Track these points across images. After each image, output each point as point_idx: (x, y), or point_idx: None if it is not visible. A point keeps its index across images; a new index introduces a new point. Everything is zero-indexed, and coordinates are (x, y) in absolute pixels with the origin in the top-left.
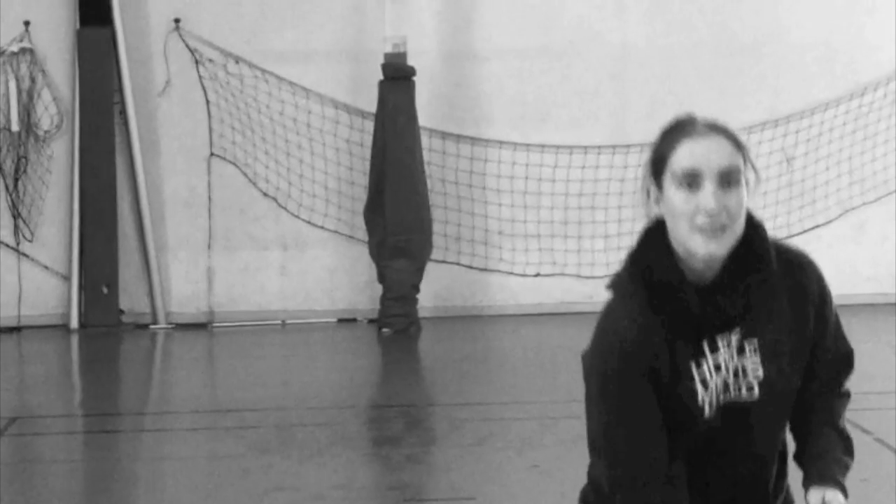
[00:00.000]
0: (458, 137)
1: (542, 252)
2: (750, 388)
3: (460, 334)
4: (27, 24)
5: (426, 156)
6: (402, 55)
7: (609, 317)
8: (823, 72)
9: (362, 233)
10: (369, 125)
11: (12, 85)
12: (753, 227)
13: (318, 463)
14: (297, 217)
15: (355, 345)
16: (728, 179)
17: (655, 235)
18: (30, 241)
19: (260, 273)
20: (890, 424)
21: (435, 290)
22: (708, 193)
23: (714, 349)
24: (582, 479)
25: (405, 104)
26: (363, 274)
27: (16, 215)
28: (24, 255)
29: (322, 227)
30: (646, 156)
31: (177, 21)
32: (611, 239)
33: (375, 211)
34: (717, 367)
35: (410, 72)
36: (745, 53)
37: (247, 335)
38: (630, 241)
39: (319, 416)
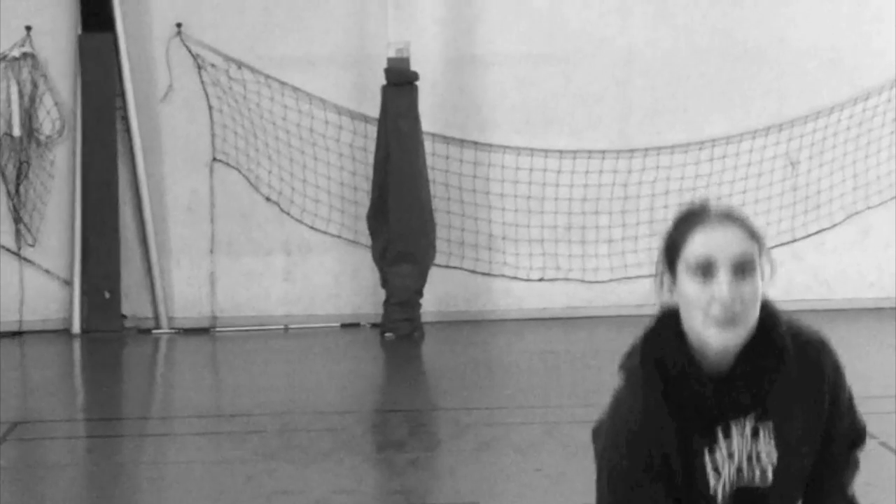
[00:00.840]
0: (462, 142)
1: (546, 257)
2: (763, 473)
3: (464, 339)
4: (29, 29)
5: (429, 161)
6: (406, 60)
7: (620, 405)
8: (827, 77)
9: (366, 238)
10: (372, 130)
11: (14, 90)
12: (769, 314)
13: (321, 468)
14: (300, 222)
15: (359, 350)
16: (743, 269)
17: (669, 323)
18: (32, 245)
19: (263, 278)
20: (893, 428)
21: (438, 295)
22: (722, 283)
23: (728, 436)
24: (586, 484)
25: (408, 109)
26: (367, 279)
27: (18, 220)
28: (27, 260)
29: (325, 233)
30: (659, 243)
31: (179, 26)
32: (615, 244)
33: (379, 216)
34: (731, 455)
35: (413, 77)
36: (749, 59)
37: (250, 340)
38: (633, 245)
39: (323, 421)
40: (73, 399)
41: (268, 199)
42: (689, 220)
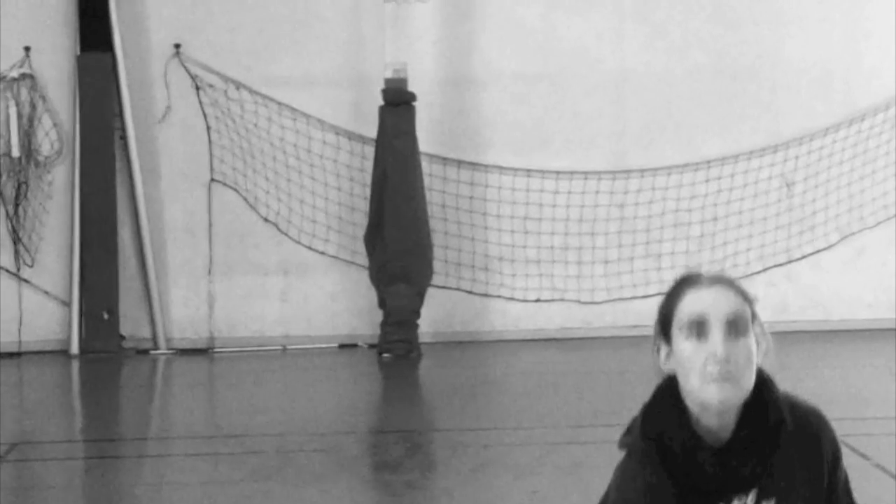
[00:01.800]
0: (459, 163)
1: (543, 278)
2: None
3: (461, 360)
4: (27, 49)
5: (426, 181)
6: (403, 80)
7: (622, 480)
8: (822, 97)
9: (363, 258)
10: (370, 151)
11: (13, 111)
12: (764, 382)
13: (318, 489)
14: (297, 242)
15: (356, 370)
16: (736, 327)
17: (668, 394)
18: (30, 266)
19: (260, 298)
20: (889, 450)
21: (435, 315)
22: (717, 341)
23: None
24: None
25: (405, 130)
26: (364, 299)
27: (16, 241)
28: (25, 280)
29: (323, 253)
30: (655, 315)
31: (177, 47)
32: (611, 264)
33: (376, 236)
34: None
35: (411, 97)
36: (743, 79)
37: (247, 361)
38: (629, 266)
39: (320, 442)
40: (72, 420)
41: (265, 219)
42: (681, 286)
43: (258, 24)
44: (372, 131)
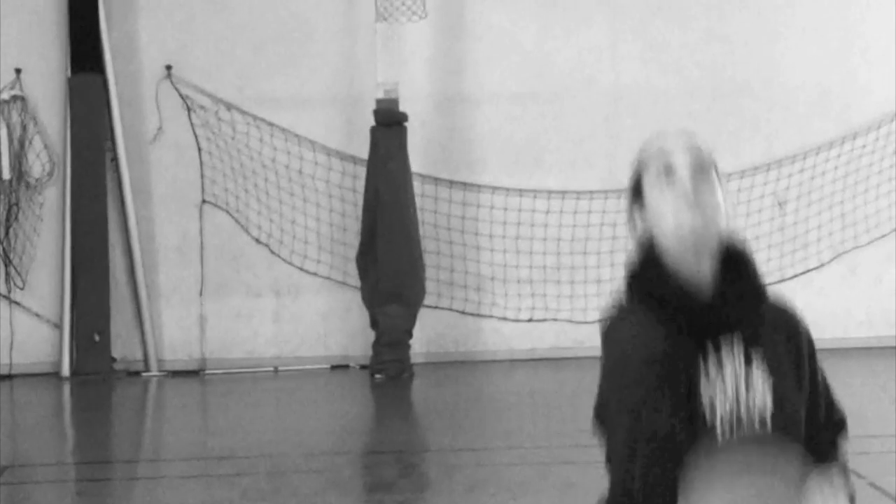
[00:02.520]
0: (451, 183)
1: (535, 297)
2: (762, 418)
3: (453, 380)
4: (18, 71)
5: (419, 201)
6: (394, 101)
7: (613, 336)
8: (817, 115)
9: (355, 279)
10: (361, 171)
11: (4, 132)
12: (741, 245)
13: None
14: (289, 263)
15: (348, 391)
16: (701, 167)
17: (648, 254)
18: (21, 288)
19: (252, 319)
20: (884, 468)
21: (428, 335)
22: (684, 175)
23: (719, 358)
24: None
25: (397, 150)
26: (356, 320)
27: (7, 263)
28: (16, 302)
29: (315, 274)
30: (627, 185)
31: (168, 68)
32: (603, 284)
33: (368, 257)
34: (724, 381)
35: (402, 117)
36: (738, 97)
37: (239, 382)
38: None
39: (313, 463)
40: (63, 442)
41: (257, 240)
42: (647, 146)
43: (249, 45)
44: (364, 152)
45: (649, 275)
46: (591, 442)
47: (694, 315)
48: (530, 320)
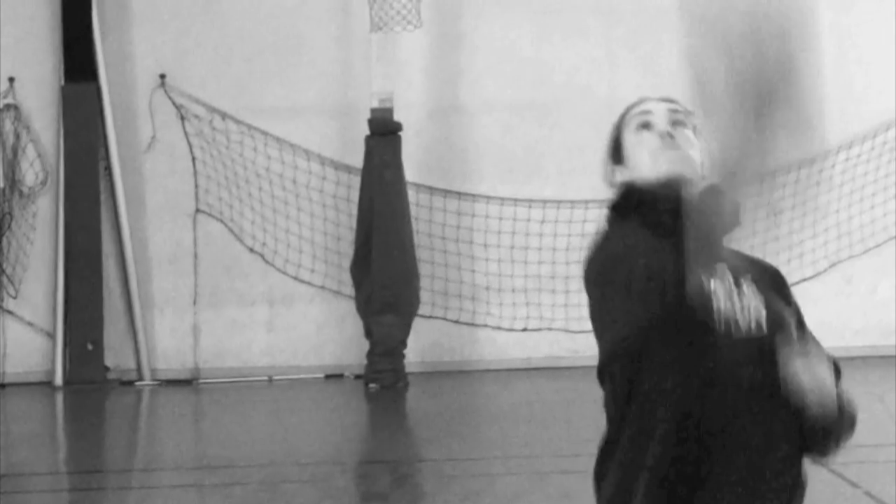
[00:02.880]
0: (446, 192)
1: (530, 307)
2: (758, 323)
3: (448, 389)
4: (12, 80)
5: (413, 211)
6: (389, 110)
7: (602, 247)
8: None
9: (349, 288)
10: (356, 180)
11: None
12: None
13: None
14: (283, 273)
15: (343, 401)
16: (679, 120)
17: (628, 190)
18: (14, 297)
19: (246, 329)
20: (879, 477)
21: (422, 345)
22: (661, 121)
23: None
24: None
25: (392, 159)
26: (350, 329)
27: (0, 272)
28: (9, 311)
29: (309, 283)
30: (604, 147)
31: (162, 77)
32: None
33: (362, 266)
34: (716, 286)
35: (397, 127)
36: None
37: (233, 391)
38: None
39: (307, 473)
40: (56, 452)
41: (251, 249)
42: (631, 106)
43: (243, 54)
44: (358, 161)
45: (630, 201)
46: (585, 451)
47: (679, 221)
48: (525, 330)
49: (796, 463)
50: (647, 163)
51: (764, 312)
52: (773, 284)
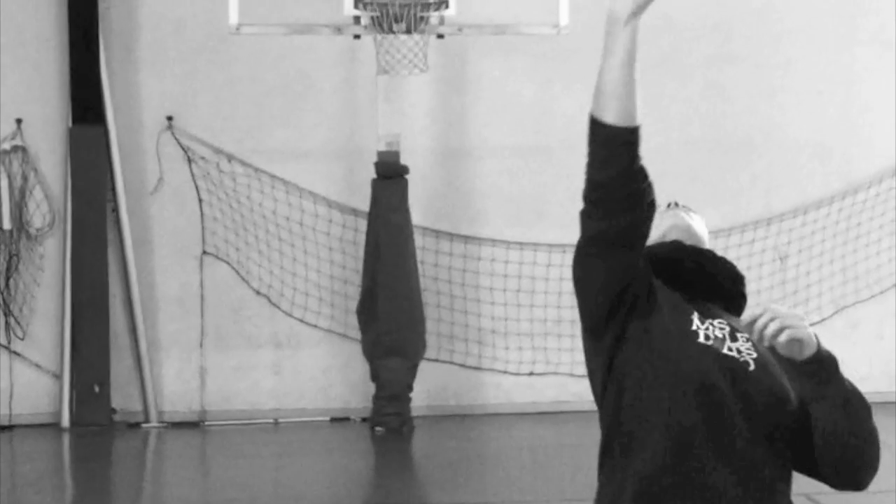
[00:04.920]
0: (452, 236)
1: (536, 351)
2: (745, 362)
3: (454, 433)
4: (19, 121)
5: (419, 254)
6: (396, 153)
7: None
8: (817, 170)
9: (356, 331)
10: (362, 223)
11: (4, 182)
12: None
13: None
14: (289, 315)
15: (348, 444)
16: (691, 214)
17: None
18: (21, 339)
19: (253, 371)
20: None
21: (428, 388)
22: (677, 211)
23: (709, 321)
24: None
25: (398, 202)
26: (356, 373)
27: (7, 313)
28: (16, 353)
29: (315, 326)
30: None
31: (169, 119)
32: None
33: (369, 309)
34: (714, 327)
35: (403, 170)
36: (738, 152)
37: (239, 434)
38: None
39: None
40: (63, 494)
41: (258, 291)
42: None
43: (250, 96)
44: (365, 204)
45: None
46: (591, 496)
47: (683, 271)
48: (531, 374)
49: (782, 489)
50: (661, 229)
51: (754, 354)
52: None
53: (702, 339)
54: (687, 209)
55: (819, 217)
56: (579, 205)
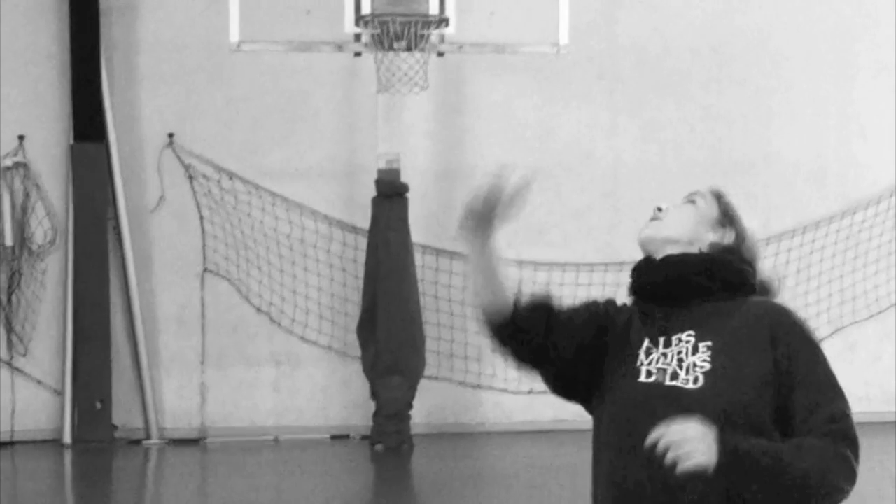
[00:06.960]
0: (452, 254)
1: None
2: (690, 390)
3: (453, 452)
4: (21, 138)
5: (419, 273)
6: (396, 171)
7: None
8: (814, 191)
9: (356, 349)
10: (363, 241)
11: (6, 199)
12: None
13: None
14: (290, 333)
15: (348, 462)
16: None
17: None
18: (23, 355)
19: (253, 389)
20: None
21: (428, 407)
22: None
23: (668, 344)
24: None
25: (398, 221)
26: (356, 391)
27: (9, 330)
28: (18, 369)
29: (315, 344)
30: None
31: (171, 136)
32: None
33: (368, 328)
34: (665, 356)
35: (404, 188)
36: (736, 172)
37: (240, 451)
38: None
39: None
40: None
41: (258, 309)
42: None
43: (252, 114)
44: (365, 222)
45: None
46: None
47: (654, 289)
48: (530, 392)
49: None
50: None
51: (707, 367)
52: (753, 335)
53: (642, 377)
54: (665, 210)
55: (817, 237)
56: (579, 224)
